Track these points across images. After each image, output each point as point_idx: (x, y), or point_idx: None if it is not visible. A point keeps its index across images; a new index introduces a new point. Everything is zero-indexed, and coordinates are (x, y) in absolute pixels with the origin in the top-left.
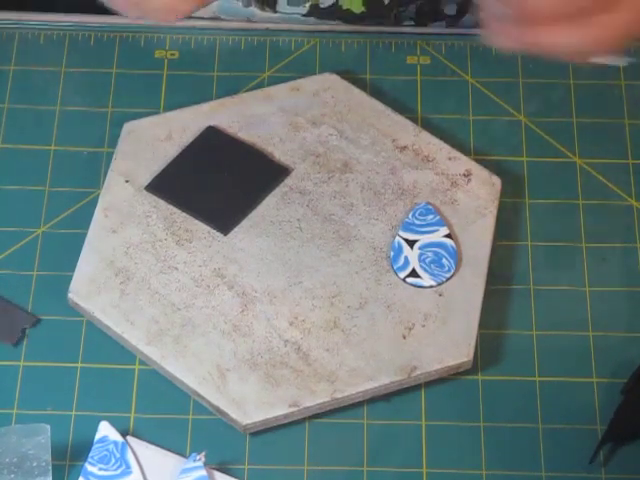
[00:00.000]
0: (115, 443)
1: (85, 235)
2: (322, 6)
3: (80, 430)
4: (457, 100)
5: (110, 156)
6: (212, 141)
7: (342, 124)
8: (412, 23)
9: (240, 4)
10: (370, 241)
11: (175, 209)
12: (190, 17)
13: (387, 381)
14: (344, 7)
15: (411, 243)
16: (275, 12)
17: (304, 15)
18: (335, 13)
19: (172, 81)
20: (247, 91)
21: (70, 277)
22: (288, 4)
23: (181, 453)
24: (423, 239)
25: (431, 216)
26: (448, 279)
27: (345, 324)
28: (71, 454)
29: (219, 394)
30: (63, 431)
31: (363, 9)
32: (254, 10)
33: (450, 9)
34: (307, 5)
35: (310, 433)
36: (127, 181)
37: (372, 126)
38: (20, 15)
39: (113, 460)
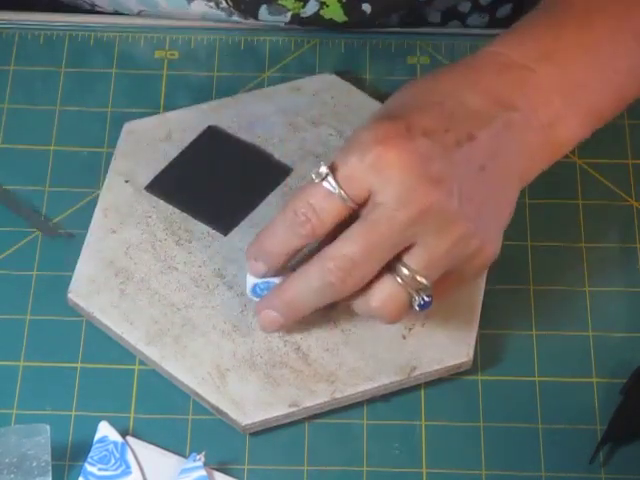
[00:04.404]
0: (115, 443)
1: (85, 235)
2: (303, 15)
3: (80, 430)
4: None
5: (110, 156)
6: (212, 141)
7: (342, 124)
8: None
9: (223, 14)
10: None
11: (175, 209)
12: (182, 19)
13: (387, 381)
14: (326, 17)
15: None
16: (257, 21)
17: (286, 24)
18: (317, 23)
19: (172, 81)
20: (247, 91)
21: (70, 277)
22: (269, 13)
23: (181, 453)
24: None
25: None
26: None
27: (345, 324)
28: (71, 454)
29: (219, 394)
30: (63, 431)
31: (345, 19)
32: (237, 20)
33: (434, 17)
34: (288, 15)
35: (310, 433)
36: (127, 181)
37: None
38: (20, 15)
39: (113, 460)
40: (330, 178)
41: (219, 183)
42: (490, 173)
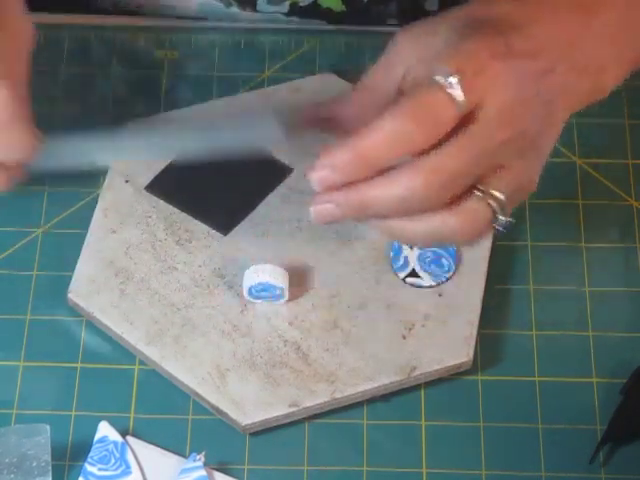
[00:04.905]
0: (115, 443)
1: (85, 235)
2: (302, 4)
3: (80, 430)
4: None
5: None
6: None
7: None
8: (395, 21)
9: (222, 5)
10: (370, 241)
11: (175, 209)
12: (178, 17)
13: (387, 381)
14: (324, 5)
15: None
16: (256, 12)
17: (285, 14)
18: (315, 12)
19: (172, 81)
20: (247, 91)
21: (70, 277)
22: (268, 3)
23: (181, 453)
24: None
25: None
26: (448, 279)
27: (345, 324)
28: (71, 454)
29: (219, 394)
30: (63, 431)
31: (343, 7)
32: (236, 10)
33: (431, 4)
34: (287, 4)
35: (310, 433)
36: (127, 181)
37: None
38: None
39: (113, 460)
40: (458, 86)
41: (219, 183)
42: (554, 108)
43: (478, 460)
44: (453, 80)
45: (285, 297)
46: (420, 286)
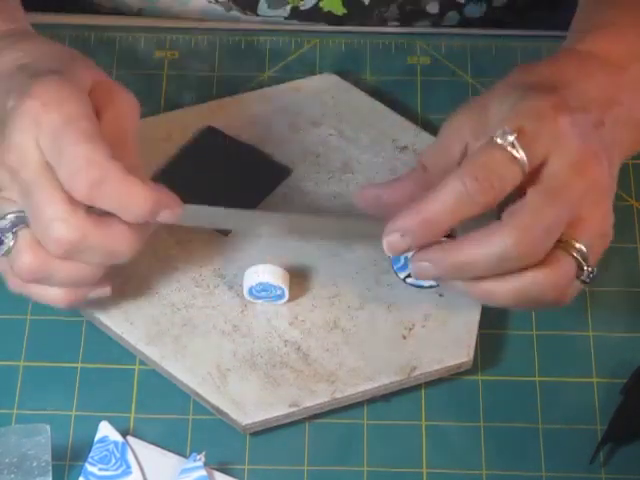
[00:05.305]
0: (115, 443)
1: None
2: (303, 8)
3: (80, 430)
4: (457, 100)
5: None
6: (210, 141)
7: (342, 124)
8: (396, 24)
9: (222, 9)
10: (370, 241)
11: None
12: (180, 18)
13: (387, 381)
14: (325, 9)
15: None
16: (257, 15)
17: (286, 18)
18: (317, 15)
19: (172, 81)
20: (247, 91)
21: None
22: (269, 7)
23: (181, 453)
24: None
25: None
26: None
27: (345, 324)
28: (71, 454)
29: (219, 394)
30: (63, 431)
31: (344, 11)
32: (236, 14)
33: (432, 7)
34: (288, 8)
35: (310, 433)
36: None
37: (372, 126)
38: None
39: (113, 460)
40: (517, 144)
41: (219, 183)
42: (612, 158)
43: (478, 460)
44: (511, 138)
45: (285, 297)
46: (420, 286)
